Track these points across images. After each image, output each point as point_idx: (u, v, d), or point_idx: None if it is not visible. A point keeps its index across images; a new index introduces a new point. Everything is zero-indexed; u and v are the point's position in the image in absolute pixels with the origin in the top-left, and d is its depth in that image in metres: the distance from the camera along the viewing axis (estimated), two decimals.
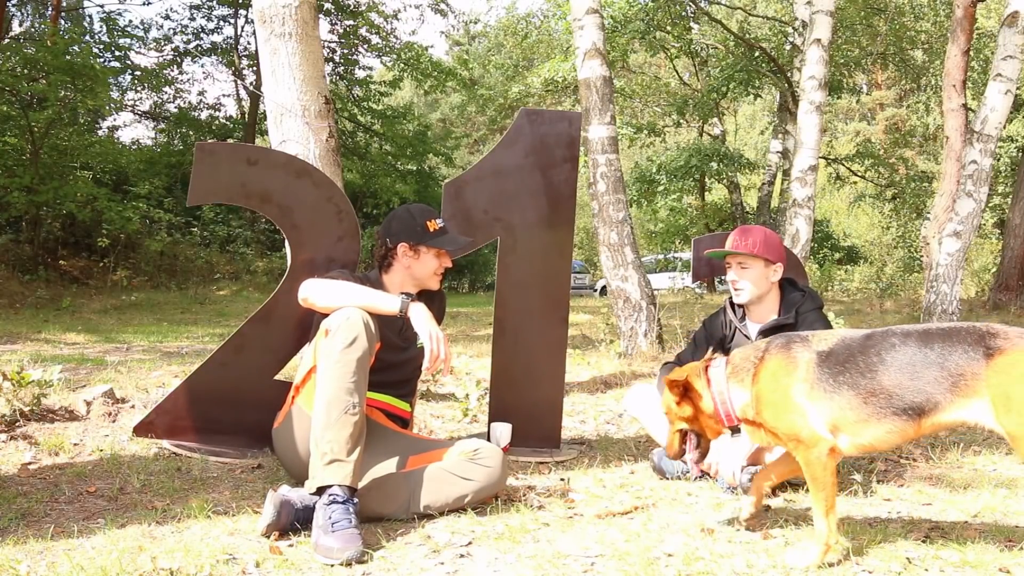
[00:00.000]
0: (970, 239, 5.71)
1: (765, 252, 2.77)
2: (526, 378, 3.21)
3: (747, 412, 2.08)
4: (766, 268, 2.79)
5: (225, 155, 2.99)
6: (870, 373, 1.93)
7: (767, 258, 2.78)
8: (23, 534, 2.04)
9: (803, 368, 1.99)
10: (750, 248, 2.77)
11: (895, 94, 25.87)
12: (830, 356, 1.98)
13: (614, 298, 5.94)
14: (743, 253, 2.79)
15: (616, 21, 14.80)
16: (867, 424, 1.93)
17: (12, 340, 6.78)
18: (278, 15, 3.92)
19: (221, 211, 16.61)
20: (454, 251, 2.75)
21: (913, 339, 1.93)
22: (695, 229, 21.27)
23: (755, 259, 2.79)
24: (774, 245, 2.80)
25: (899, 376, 1.90)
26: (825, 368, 1.97)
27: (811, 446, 1.94)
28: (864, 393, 1.92)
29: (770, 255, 2.78)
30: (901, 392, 1.89)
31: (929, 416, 1.88)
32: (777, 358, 2.04)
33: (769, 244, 2.79)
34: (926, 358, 1.89)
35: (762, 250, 2.77)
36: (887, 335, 1.98)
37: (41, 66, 13.34)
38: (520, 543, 2.07)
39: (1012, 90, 5.70)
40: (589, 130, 5.87)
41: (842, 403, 1.94)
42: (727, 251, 2.84)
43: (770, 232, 2.84)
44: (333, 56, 19.36)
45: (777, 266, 2.82)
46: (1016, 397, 1.77)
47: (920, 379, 1.88)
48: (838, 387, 1.94)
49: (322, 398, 2.18)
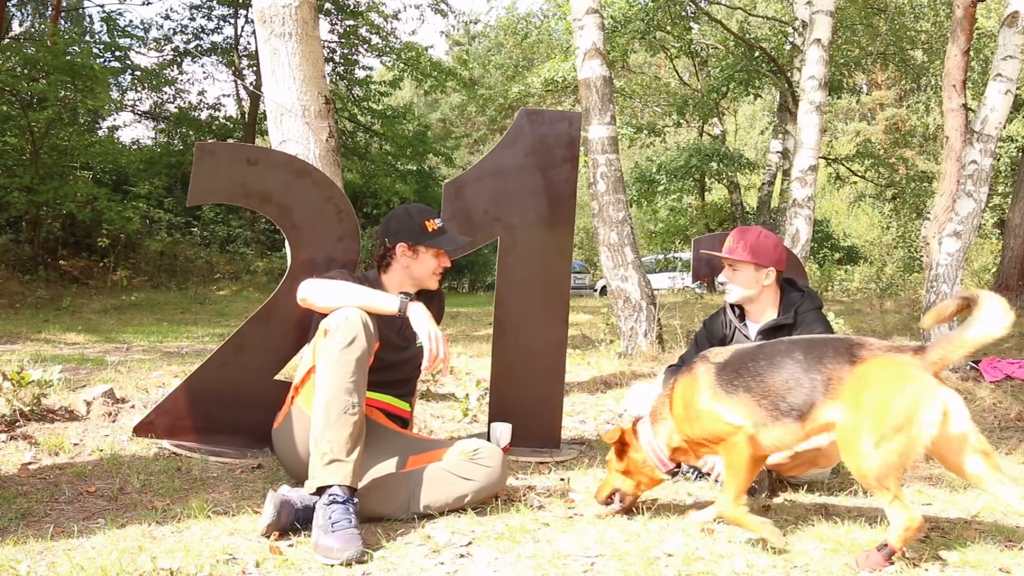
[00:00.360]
0: (970, 239, 5.70)
1: (753, 257, 2.77)
2: (526, 378, 3.21)
3: (672, 441, 2.26)
4: (756, 272, 2.79)
5: (225, 155, 2.99)
6: (760, 376, 2.09)
7: (756, 262, 2.77)
8: (23, 534, 2.04)
9: (703, 378, 2.17)
10: (738, 254, 2.78)
11: (895, 94, 25.87)
12: (726, 366, 2.16)
13: (614, 298, 5.94)
14: (732, 257, 2.80)
15: (616, 21, 14.79)
16: (766, 425, 2.07)
17: (12, 340, 6.78)
18: (278, 15, 3.92)
19: (221, 211, 16.60)
20: (453, 251, 2.75)
21: (798, 346, 2.11)
22: (695, 229, 21.27)
23: (744, 263, 2.79)
24: (765, 249, 2.79)
25: (783, 378, 2.06)
26: (723, 375, 2.15)
27: (731, 435, 2.10)
28: (757, 396, 2.08)
29: (759, 259, 2.77)
30: (785, 393, 2.05)
31: (810, 416, 2.03)
32: (683, 380, 2.24)
33: (759, 248, 2.78)
34: (806, 362, 2.05)
35: (750, 255, 2.77)
36: (776, 343, 2.17)
37: (41, 66, 13.34)
38: (520, 543, 2.07)
39: (1012, 90, 5.70)
40: (589, 130, 5.87)
41: (741, 403, 2.09)
42: (717, 254, 2.88)
43: (766, 235, 2.84)
44: (333, 56, 19.36)
45: (769, 270, 2.80)
46: (860, 399, 1.94)
47: (800, 381, 2.04)
48: (735, 389, 2.11)
49: (321, 398, 2.18)
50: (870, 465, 1.88)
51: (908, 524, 1.85)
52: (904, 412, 1.88)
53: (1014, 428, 3.95)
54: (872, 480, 1.88)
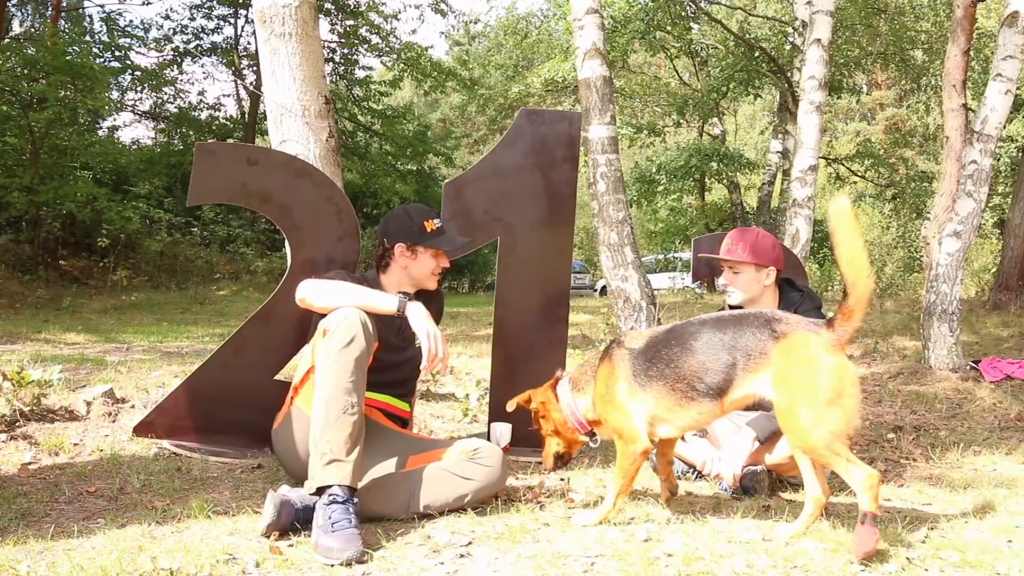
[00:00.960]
0: (970, 239, 5.70)
1: (753, 258, 2.79)
2: (526, 378, 3.20)
3: (589, 414, 2.34)
4: (757, 272, 2.81)
5: (225, 155, 2.99)
6: (674, 363, 2.16)
7: (757, 263, 2.79)
8: (23, 534, 2.04)
9: (620, 367, 2.24)
10: (739, 255, 2.79)
11: (895, 94, 25.85)
12: (641, 354, 2.22)
13: (614, 298, 5.94)
14: (732, 259, 2.81)
15: (616, 21, 14.78)
16: (680, 409, 2.16)
17: (12, 340, 6.78)
18: (278, 15, 3.92)
19: (221, 211, 16.59)
20: (451, 251, 2.75)
21: (708, 326, 2.17)
22: (695, 229, 21.27)
23: (745, 265, 2.80)
24: (765, 249, 2.81)
25: (698, 361, 2.13)
26: (638, 364, 2.21)
27: (629, 442, 2.21)
28: (671, 381, 2.16)
29: (760, 260, 2.79)
30: (702, 375, 2.12)
31: (728, 393, 2.11)
32: (605, 365, 2.29)
33: (759, 249, 2.80)
34: (721, 342, 2.12)
35: (751, 256, 2.78)
36: (686, 326, 2.22)
37: (41, 66, 13.34)
38: (520, 543, 2.06)
39: (1012, 90, 5.69)
40: (589, 130, 5.87)
41: (655, 394, 2.18)
42: (717, 257, 2.88)
43: (764, 235, 2.85)
44: (333, 56, 19.35)
45: (769, 270, 2.82)
46: (790, 375, 2.03)
47: (717, 361, 2.11)
48: (650, 380, 2.19)
49: (321, 398, 2.18)
50: (816, 439, 1.98)
51: (869, 482, 1.93)
52: (833, 387, 1.99)
53: (1014, 428, 3.95)
54: (822, 450, 1.98)
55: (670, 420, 2.20)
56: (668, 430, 2.23)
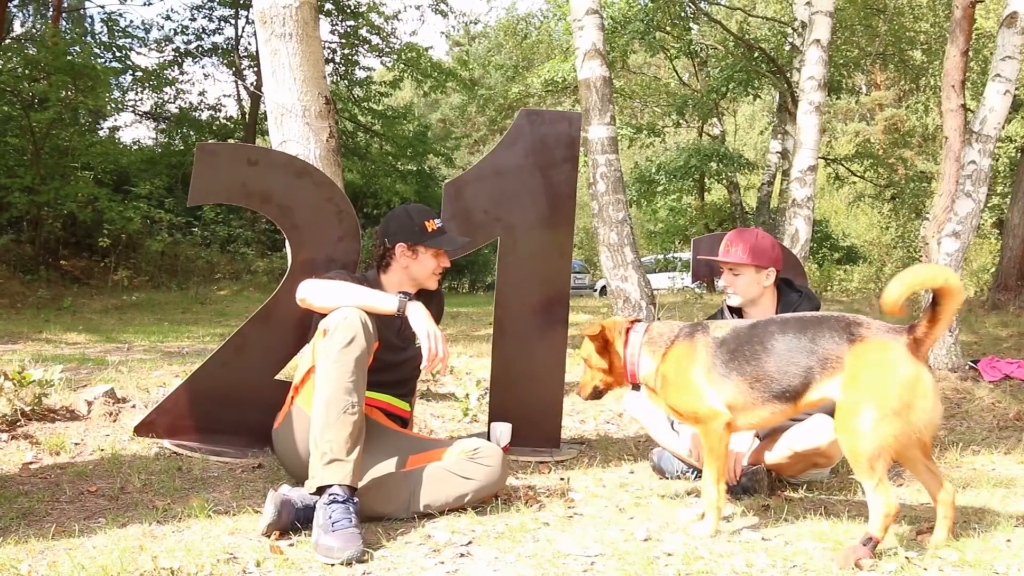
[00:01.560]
0: (969, 239, 5.70)
1: (753, 259, 2.77)
2: (526, 378, 3.22)
3: (649, 381, 2.32)
4: (757, 273, 2.79)
5: (226, 155, 3.00)
6: (754, 361, 2.14)
7: (756, 264, 2.77)
8: (24, 533, 2.04)
9: (701, 353, 2.21)
10: (738, 257, 2.78)
11: (894, 94, 25.83)
12: (724, 344, 2.20)
13: (614, 298, 5.94)
14: (732, 261, 2.79)
15: (616, 21, 14.79)
16: (752, 407, 2.15)
17: (13, 340, 6.78)
18: (278, 16, 3.93)
19: (222, 211, 16.59)
20: (452, 251, 2.76)
21: (790, 327, 2.14)
22: (695, 229, 21.26)
23: (745, 267, 2.79)
24: (764, 250, 2.79)
25: (778, 363, 2.11)
26: (719, 355, 2.19)
27: (710, 420, 2.18)
28: (750, 380, 2.14)
29: (760, 261, 2.77)
30: (780, 377, 2.10)
31: (804, 396, 2.09)
32: (682, 344, 2.26)
33: (758, 250, 2.78)
34: (800, 345, 2.09)
35: (750, 257, 2.77)
36: (768, 324, 2.19)
37: (42, 67, 13.34)
38: (520, 543, 2.07)
39: (1011, 90, 5.70)
40: (589, 130, 5.88)
41: (733, 386, 2.16)
42: (716, 259, 2.86)
43: (763, 235, 2.83)
44: (334, 56, 19.35)
45: (769, 271, 2.81)
46: (861, 377, 1.99)
47: (796, 365, 2.09)
48: (728, 373, 2.17)
49: (321, 398, 2.18)
50: (866, 445, 1.92)
51: (887, 511, 1.91)
52: (903, 397, 1.92)
53: (1013, 428, 3.95)
54: (864, 460, 1.92)
55: (744, 414, 2.18)
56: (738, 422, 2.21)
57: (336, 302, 2.35)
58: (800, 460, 2.65)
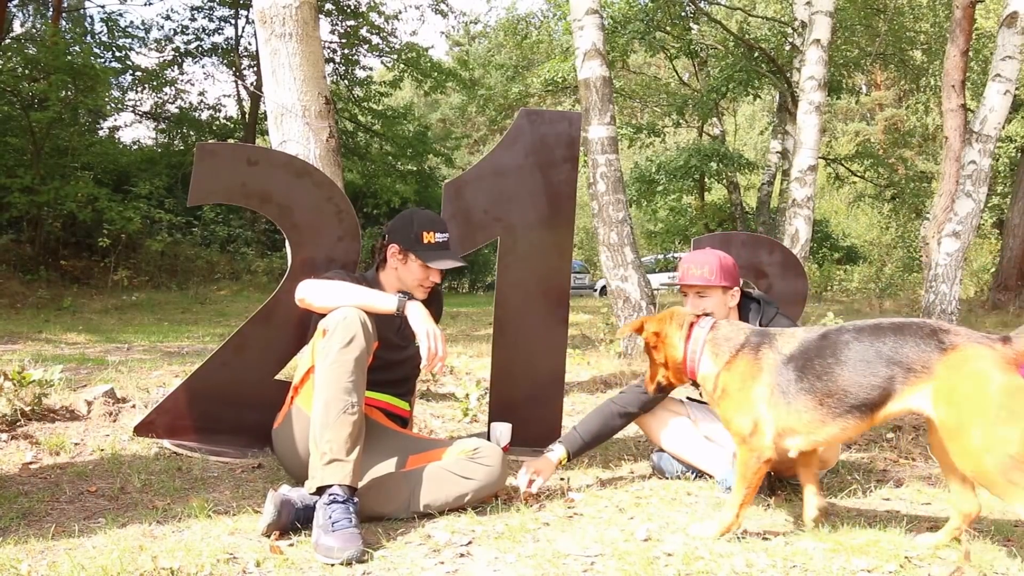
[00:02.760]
0: (969, 239, 5.71)
1: (722, 280, 2.68)
2: (526, 378, 3.22)
3: (707, 383, 2.22)
4: (724, 295, 2.70)
5: (226, 155, 3.00)
6: (825, 376, 2.01)
7: (724, 285, 2.69)
8: (24, 533, 2.04)
9: (767, 372, 2.10)
10: (706, 279, 2.68)
11: (894, 94, 25.87)
12: (791, 362, 2.08)
13: (614, 298, 5.95)
14: (699, 285, 2.70)
15: (616, 21, 14.80)
16: (822, 425, 2.03)
17: (13, 340, 6.78)
18: (278, 15, 3.93)
19: (222, 211, 16.60)
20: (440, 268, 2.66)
21: (865, 335, 2.01)
22: (695, 229, 21.26)
23: (713, 288, 2.70)
24: (729, 269, 2.71)
25: (853, 375, 1.98)
26: (786, 375, 2.07)
27: (753, 450, 2.09)
28: (820, 396, 2.01)
29: (727, 281, 2.69)
30: (855, 390, 1.98)
31: (882, 408, 1.98)
32: (747, 358, 2.14)
33: (725, 270, 2.69)
34: (879, 354, 1.96)
35: (719, 278, 2.68)
36: (840, 333, 2.06)
37: (42, 66, 13.34)
38: (520, 543, 2.07)
39: (1011, 90, 5.71)
40: (589, 130, 5.88)
41: (799, 409, 2.04)
42: (686, 284, 2.73)
43: (722, 254, 2.75)
44: (334, 56, 19.35)
45: (735, 290, 2.73)
46: (957, 391, 1.85)
47: (874, 376, 1.96)
48: (797, 395, 2.04)
49: (320, 398, 2.18)
50: (991, 463, 1.77)
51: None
52: (1008, 406, 1.79)
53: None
54: (995, 477, 1.77)
55: (807, 434, 2.05)
56: (799, 443, 2.08)
57: (335, 302, 2.35)
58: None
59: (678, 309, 2.34)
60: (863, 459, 3.19)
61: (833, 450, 2.60)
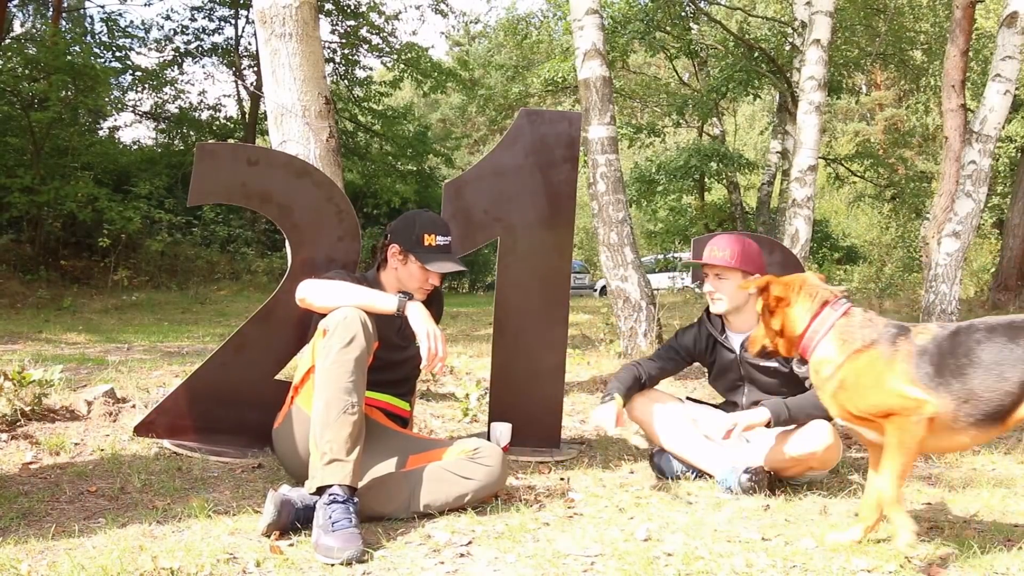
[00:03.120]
0: (969, 239, 5.72)
1: (743, 264, 2.70)
2: (526, 378, 3.22)
3: (820, 369, 2.04)
4: (744, 280, 2.72)
5: (226, 155, 3.00)
6: (962, 376, 1.88)
7: (745, 270, 2.71)
8: (24, 533, 2.04)
9: (901, 364, 1.94)
10: (727, 261, 2.70)
11: (894, 94, 25.85)
12: (924, 353, 1.93)
13: (614, 298, 5.95)
14: (720, 265, 2.73)
15: (616, 21, 14.79)
16: (952, 434, 1.91)
17: (13, 340, 6.78)
18: (278, 16, 3.93)
19: (222, 211, 16.59)
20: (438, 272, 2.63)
21: (998, 335, 1.89)
22: (695, 229, 21.25)
23: (732, 271, 2.73)
24: (752, 256, 2.74)
25: (986, 377, 1.86)
26: (921, 367, 1.92)
27: (912, 412, 1.87)
28: (958, 399, 1.88)
29: (748, 267, 2.71)
30: (988, 395, 1.85)
31: (1014, 413, 1.86)
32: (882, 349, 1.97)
33: (747, 255, 2.72)
34: (1013, 354, 1.85)
35: (740, 262, 2.70)
36: (971, 332, 1.93)
37: (42, 66, 13.35)
38: (520, 543, 2.07)
39: (1011, 90, 5.71)
40: (589, 130, 5.88)
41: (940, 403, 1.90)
42: (703, 263, 2.77)
43: (748, 241, 2.78)
44: (334, 56, 19.35)
45: (755, 277, 2.76)
46: None
47: (1007, 378, 1.84)
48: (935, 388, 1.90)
49: (321, 398, 2.18)
50: None
51: None
52: None
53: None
54: None
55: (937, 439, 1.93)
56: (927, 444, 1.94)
57: (336, 302, 2.35)
58: (796, 464, 2.65)
59: (810, 278, 2.15)
60: (863, 459, 3.19)
61: (834, 450, 2.60)
